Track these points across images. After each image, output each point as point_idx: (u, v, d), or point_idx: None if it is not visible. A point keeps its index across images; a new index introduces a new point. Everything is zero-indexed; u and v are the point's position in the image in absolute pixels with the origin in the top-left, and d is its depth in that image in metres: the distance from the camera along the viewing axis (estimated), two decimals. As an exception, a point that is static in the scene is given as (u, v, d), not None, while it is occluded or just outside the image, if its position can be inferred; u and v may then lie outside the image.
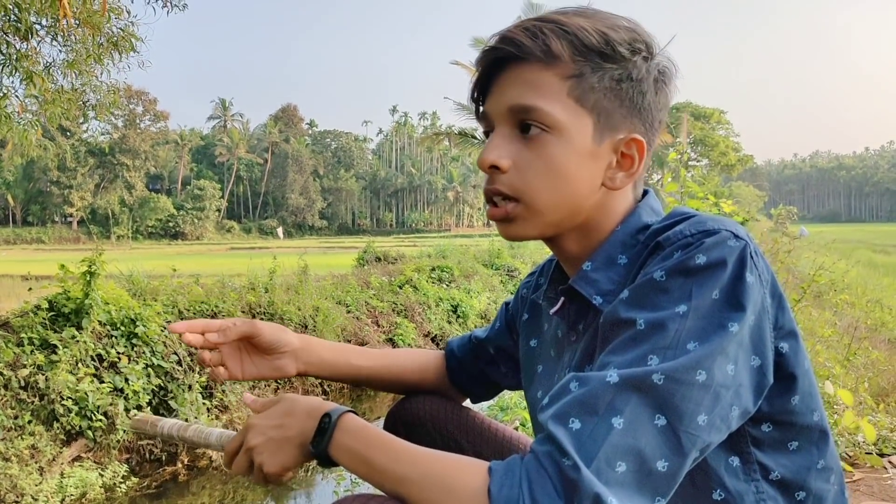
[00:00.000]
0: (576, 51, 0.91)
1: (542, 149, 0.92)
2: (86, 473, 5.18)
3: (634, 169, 0.96)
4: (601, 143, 0.93)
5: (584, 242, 0.99)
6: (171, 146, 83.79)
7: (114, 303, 6.20)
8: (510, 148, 0.94)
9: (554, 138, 0.92)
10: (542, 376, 1.12)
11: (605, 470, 0.72)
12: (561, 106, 0.91)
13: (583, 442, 0.74)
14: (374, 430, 0.90)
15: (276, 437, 0.96)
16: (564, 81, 0.91)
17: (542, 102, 0.91)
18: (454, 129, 23.35)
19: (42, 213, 73.26)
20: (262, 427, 0.98)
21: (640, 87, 0.94)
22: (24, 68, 6.82)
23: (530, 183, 0.93)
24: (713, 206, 4.80)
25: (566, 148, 0.92)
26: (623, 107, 0.94)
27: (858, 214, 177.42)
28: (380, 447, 0.86)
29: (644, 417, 0.75)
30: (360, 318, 9.50)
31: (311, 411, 0.95)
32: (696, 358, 0.77)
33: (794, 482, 0.90)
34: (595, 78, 0.91)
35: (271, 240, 73.74)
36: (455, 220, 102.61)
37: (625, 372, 0.77)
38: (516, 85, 0.93)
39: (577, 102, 0.92)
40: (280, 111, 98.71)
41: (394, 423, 1.33)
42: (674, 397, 0.76)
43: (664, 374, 0.76)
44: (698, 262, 0.82)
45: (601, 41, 0.91)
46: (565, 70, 0.91)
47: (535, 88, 0.92)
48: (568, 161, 0.92)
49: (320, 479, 5.55)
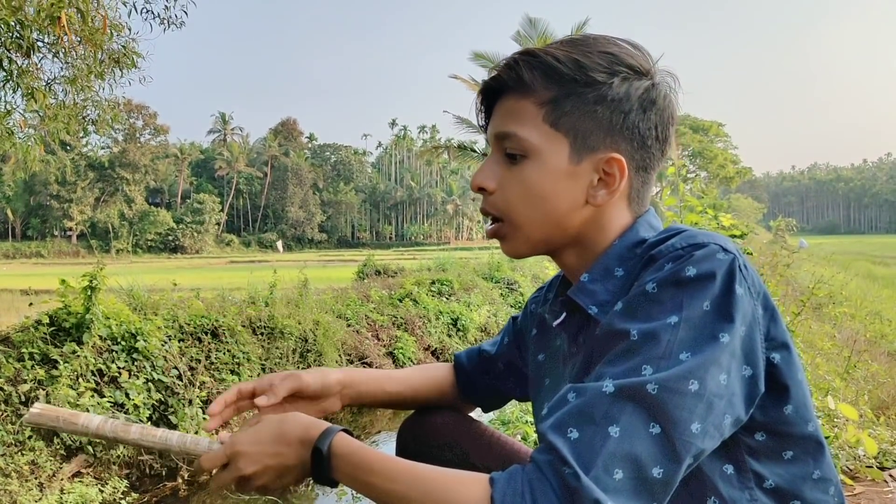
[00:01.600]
0: (547, 79, 0.97)
1: (521, 172, 1.00)
2: (86, 489, 5.15)
3: (615, 186, 0.99)
4: (579, 162, 0.98)
5: (582, 256, 1.04)
6: (171, 160, 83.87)
7: (114, 317, 6.20)
8: (497, 171, 1.03)
9: (531, 161, 0.99)
10: (549, 390, 1.14)
11: (603, 477, 0.75)
12: (536, 131, 0.98)
13: (581, 451, 0.77)
14: (369, 453, 0.91)
15: (273, 465, 0.97)
16: (540, 108, 0.98)
17: (519, 129, 0.99)
18: (453, 143, 23.39)
19: (42, 227, 73.23)
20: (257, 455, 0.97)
21: (620, 106, 0.97)
22: (25, 84, 6.85)
23: (510, 203, 1.01)
24: (712, 219, 4.82)
25: (541, 169, 0.98)
26: (601, 128, 0.97)
27: (857, 226, 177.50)
28: (377, 469, 0.88)
29: (639, 426, 0.78)
30: (360, 332, 9.49)
31: (302, 438, 0.96)
32: (689, 368, 0.80)
33: (788, 491, 0.91)
34: (568, 103, 0.97)
35: (271, 253, 73.80)
36: (455, 233, 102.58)
37: (620, 382, 0.80)
38: (501, 115, 1.03)
39: (551, 127, 0.98)
40: (279, 125, 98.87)
41: (405, 439, 1.36)
42: (667, 406, 0.78)
43: (658, 383, 0.79)
44: (688, 274, 0.85)
45: (572, 67, 0.96)
46: (539, 97, 0.98)
47: (514, 116, 1.00)
48: (543, 182, 0.99)
49: (321, 495, 5.53)
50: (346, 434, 0.95)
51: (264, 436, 0.99)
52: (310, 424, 0.98)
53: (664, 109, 1.00)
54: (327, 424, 0.97)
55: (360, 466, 0.90)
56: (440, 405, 1.38)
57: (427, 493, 0.82)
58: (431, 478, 0.84)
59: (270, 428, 0.99)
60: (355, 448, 0.92)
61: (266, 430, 0.99)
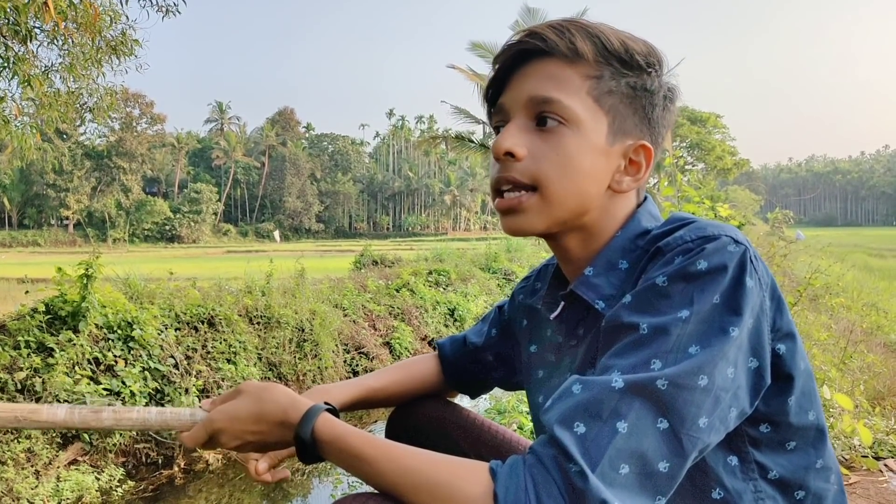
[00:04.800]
0: (599, 53, 0.94)
1: (559, 140, 0.94)
2: (82, 477, 5.16)
3: (641, 175, 0.99)
4: (612, 145, 0.96)
5: (585, 244, 1.01)
6: (168, 149, 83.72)
7: (111, 306, 6.19)
8: (525, 137, 0.96)
9: (570, 132, 0.94)
10: (542, 381, 1.13)
11: (608, 473, 0.74)
12: (580, 102, 0.94)
13: (588, 446, 0.75)
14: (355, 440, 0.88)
15: (255, 442, 0.97)
16: (585, 80, 0.94)
17: (563, 96, 0.94)
18: (451, 133, 23.34)
19: (38, 216, 73.08)
20: (236, 432, 0.97)
21: (652, 99, 0.97)
22: (22, 71, 6.82)
23: (546, 172, 0.95)
24: (709, 209, 4.82)
25: (582, 142, 0.94)
26: (636, 114, 0.97)
27: (854, 218, 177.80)
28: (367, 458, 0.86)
29: (647, 421, 0.77)
30: (357, 322, 9.48)
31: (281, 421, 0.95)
32: (699, 363, 0.79)
33: (792, 481, 0.91)
34: (613, 82, 0.95)
35: (268, 243, 73.71)
36: (452, 224, 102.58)
37: (629, 377, 0.79)
38: (538, 77, 0.96)
39: (595, 102, 0.94)
40: (277, 114, 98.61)
41: (395, 428, 1.35)
42: (676, 402, 0.77)
43: (668, 379, 0.78)
44: (699, 268, 0.83)
45: (622, 48, 0.94)
46: (587, 69, 0.95)
47: (556, 82, 0.95)
48: (583, 155, 0.94)
49: (317, 483, 5.54)
50: (329, 416, 0.93)
51: (242, 413, 0.98)
52: (288, 406, 0.96)
53: (673, 113, 1.01)
54: (307, 404, 0.95)
55: (346, 452, 0.88)
56: (425, 395, 1.38)
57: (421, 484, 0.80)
58: (425, 466, 0.81)
59: (248, 405, 0.98)
60: (339, 433, 0.90)
61: (244, 408, 0.98)
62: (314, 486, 5.53)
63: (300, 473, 5.52)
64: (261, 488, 5.44)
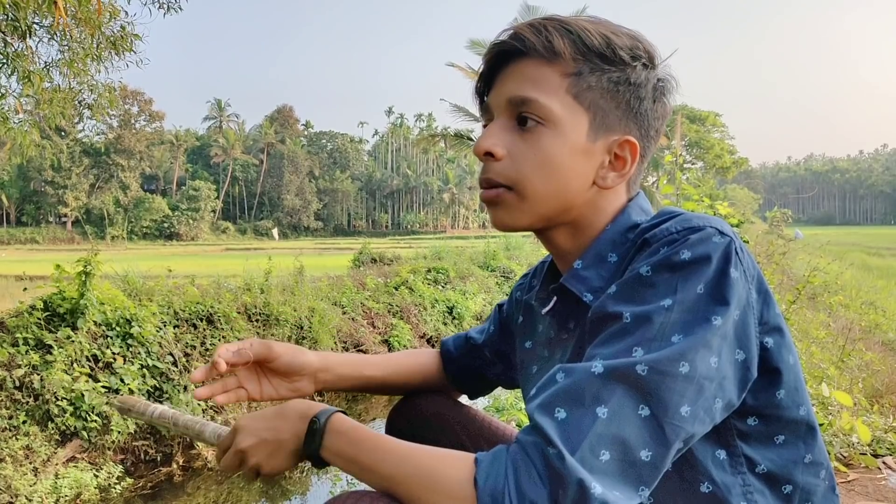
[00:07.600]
0: (577, 50, 0.94)
1: (537, 140, 0.95)
2: (80, 474, 5.16)
3: (626, 170, 0.98)
4: (595, 141, 0.96)
5: (575, 239, 1.02)
6: (167, 146, 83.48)
7: (109, 303, 6.19)
8: (506, 137, 0.97)
9: (549, 131, 0.94)
10: (536, 377, 1.13)
11: (589, 458, 0.74)
12: (558, 101, 0.94)
13: (568, 431, 0.75)
14: (363, 431, 0.91)
15: (269, 440, 0.98)
16: (564, 78, 0.94)
17: (540, 95, 0.94)
18: (450, 131, 23.37)
19: (36, 213, 72.97)
20: (254, 429, 0.99)
21: (638, 92, 0.96)
22: (22, 68, 6.80)
23: (523, 172, 0.96)
24: (708, 207, 4.82)
25: (560, 141, 0.94)
26: (619, 109, 0.96)
27: (853, 217, 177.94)
28: (368, 447, 0.88)
29: (628, 408, 0.77)
30: (355, 320, 9.49)
31: (302, 414, 0.97)
32: (680, 350, 0.79)
33: (780, 476, 0.91)
34: (593, 78, 0.94)
35: (266, 241, 73.70)
36: (451, 222, 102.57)
37: (610, 363, 0.79)
38: (517, 78, 0.97)
39: (574, 99, 0.94)
40: (276, 112, 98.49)
41: (397, 422, 1.35)
42: (658, 388, 0.77)
43: (648, 365, 0.78)
44: (683, 258, 0.84)
45: (602, 43, 0.94)
46: (565, 67, 0.94)
47: (534, 82, 0.95)
48: (561, 154, 0.95)
49: (315, 480, 5.55)
50: (343, 415, 0.96)
51: (267, 412, 1.01)
52: (312, 404, 0.99)
53: (667, 104, 1.01)
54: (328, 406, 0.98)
55: (351, 442, 0.90)
56: (425, 390, 1.38)
57: (412, 472, 0.81)
58: (418, 457, 0.83)
59: (273, 408, 1.02)
60: (349, 426, 0.92)
61: (269, 409, 1.02)
62: (312, 484, 5.53)
63: (299, 471, 5.52)
64: (259, 486, 5.45)
